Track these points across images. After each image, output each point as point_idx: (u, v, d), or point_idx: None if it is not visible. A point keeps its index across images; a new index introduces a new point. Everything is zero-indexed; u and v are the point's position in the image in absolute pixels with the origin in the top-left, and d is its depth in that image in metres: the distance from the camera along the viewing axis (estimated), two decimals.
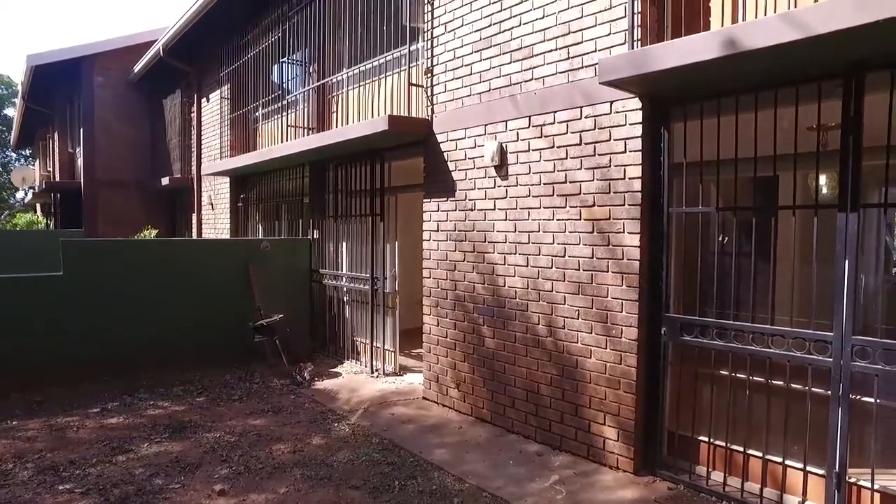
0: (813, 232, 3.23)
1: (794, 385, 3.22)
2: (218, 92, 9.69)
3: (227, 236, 9.43)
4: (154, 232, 11.06)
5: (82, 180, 13.14)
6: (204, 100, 10.60)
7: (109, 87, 13.03)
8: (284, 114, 7.61)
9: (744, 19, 3.32)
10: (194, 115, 11.00)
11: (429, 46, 5.10)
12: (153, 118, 13.31)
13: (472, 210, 4.66)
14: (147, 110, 13.38)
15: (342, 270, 6.76)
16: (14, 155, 37.20)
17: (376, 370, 6.14)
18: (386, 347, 6.16)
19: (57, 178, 15.76)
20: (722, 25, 3.45)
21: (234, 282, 6.51)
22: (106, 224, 12.62)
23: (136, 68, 12.27)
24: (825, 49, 2.74)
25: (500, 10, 4.40)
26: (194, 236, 10.96)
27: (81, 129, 13.26)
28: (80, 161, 13.65)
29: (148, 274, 6.00)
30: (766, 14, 3.24)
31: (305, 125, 7.24)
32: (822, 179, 5.58)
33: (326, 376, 6.16)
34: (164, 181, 11.71)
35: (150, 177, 13.00)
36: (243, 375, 6.12)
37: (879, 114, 2.89)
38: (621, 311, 3.67)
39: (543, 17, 4.08)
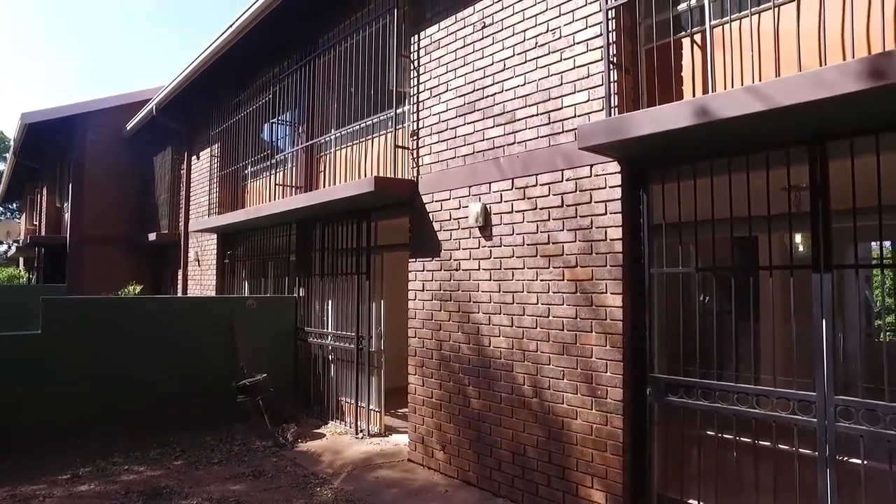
0: (790, 291, 3.30)
1: (781, 446, 3.20)
2: (208, 150, 9.84)
3: (213, 293, 9.37)
4: (138, 288, 10.95)
5: (68, 235, 13.08)
6: (194, 157, 10.75)
7: (101, 143, 13.19)
8: (273, 172, 7.73)
9: (713, 89, 3.49)
10: (184, 171, 11.12)
11: (415, 110, 5.26)
12: (143, 174, 13.43)
13: (456, 270, 4.71)
14: (137, 166, 13.51)
15: (328, 329, 6.71)
16: (0, 208, 37.11)
17: (361, 431, 6.01)
18: (371, 407, 6.05)
19: (43, 233, 15.69)
20: (694, 93, 3.62)
21: (218, 340, 6.43)
22: (90, 279, 12.49)
23: (129, 126, 12.47)
24: (788, 119, 2.88)
25: (483, 77, 4.59)
26: (180, 292, 10.87)
27: (70, 184, 13.31)
28: (67, 216, 13.65)
29: (129, 332, 5.90)
30: (732, 85, 3.42)
31: (293, 184, 7.34)
32: (799, 239, 5.75)
33: (310, 437, 6.01)
34: (152, 236, 11.70)
35: (137, 232, 12.99)
36: (224, 437, 5.95)
37: (851, 178, 3.01)
38: (606, 372, 3.67)
39: (525, 83, 4.26)
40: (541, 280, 4.05)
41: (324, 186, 6.78)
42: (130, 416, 5.75)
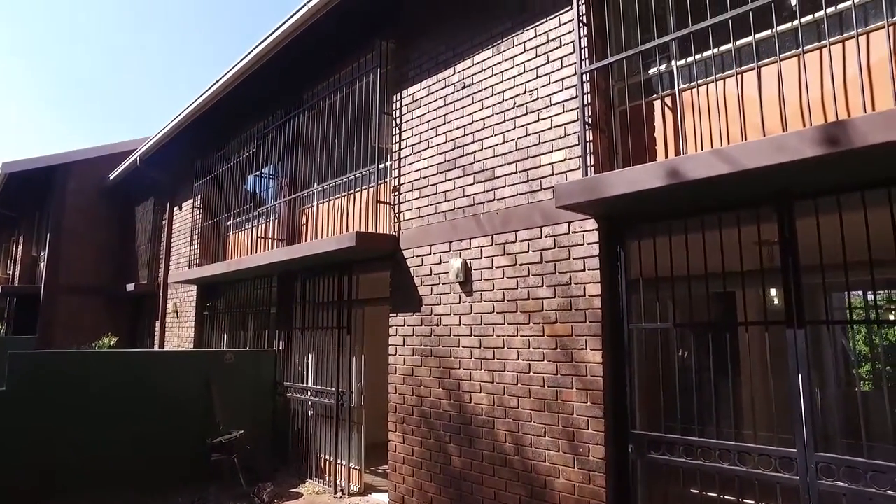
0: (766, 346, 3.34)
1: None
2: (191, 201, 9.85)
3: (191, 345, 9.18)
4: (113, 340, 10.70)
5: (43, 285, 12.83)
6: (176, 208, 10.74)
7: (82, 193, 13.14)
8: (255, 225, 7.74)
9: (685, 149, 3.62)
10: (166, 222, 11.08)
11: (396, 166, 5.36)
12: (124, 224, 13.34)
13: (437, 325, 4.70)
14: (118, 216, 13.44)
15: (307, 384, 6.58)
16: None
17: (340, 490, 5.82)
18: (351, 465, 5.89)
19: (16, 282, 15.36)
20: (666, 152, 3.75)
21: (194, 396, 6.26)
22: (63, 330, 12.19)
23: (112, 176, 12.47)
24: (755, 180, 2.99)
25: (464, 135, 4.71)
26: (156, 345, 10.64)
27: (49, 234, 13.15)
28: (42, 265, 13.41)
29: (100, 388, 5.71)
30: (702, 145, 3.56)
31: (276, 237, 7.34)
32: (774, 293, 5.85)
33: (287, 497, 5.80)
34: (130, 287, 11.52)
35: (115, 282, 12.78)
36: (196, 499, 5.72)
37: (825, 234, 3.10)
38: (587, 429, 3.64)
39: (504, 142, 4.38)
40: (521, 336, 4.05)
41: (306, 240, 6.79)
42: (100, 477, 5.51)
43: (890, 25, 2.94)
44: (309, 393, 6.48)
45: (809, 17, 3.22)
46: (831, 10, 3.15)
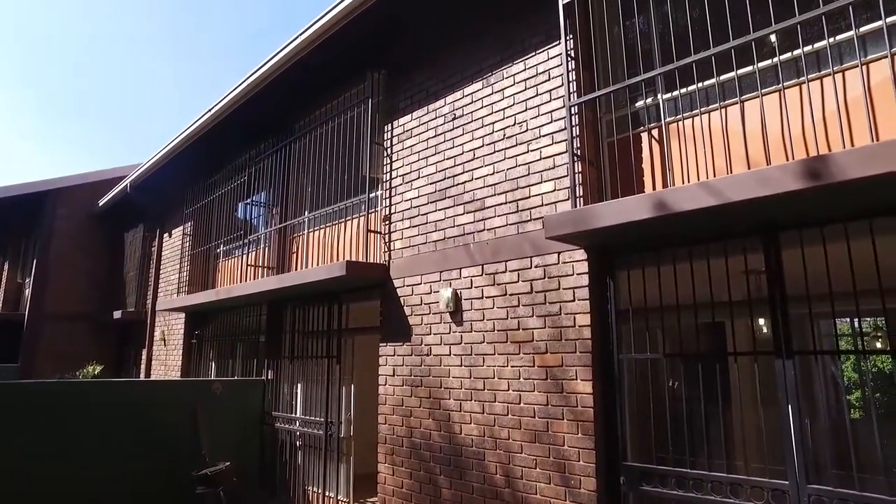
0: (756, 377, 3.36)
1: None
2: (181, 228, 9.82)
3: (178, 374, 9.06)
4: (98, 369, 10.53)
5: (27, 312, 12.64)
6: (166, 235, 10.70)
7: (70, 219, 13.06)
8: (246, 252, 7.72)
9: (672, 180, 3.68)
10: (155, 249, 11.02)
11: (387, 195, 5.39)
12: (112, 251, 13.24)
13: (427, 355, 4.67)
14: (107, 243, 13.34)
15: (296, 414, 6.50)
16: None
17: None
18: (339, 497, 5.78)
19: None
20: (654, 183, 3.80)
21: (179, 427, 6.14)
22: (47, 359, 11.98)
23: (101, 202, 12.42)
24: (741, 212, 3.03)
25: (454, 166, 4.76)
26: (143, 373, 10.48)
27: (35, 260, 13.01)
28: (27, 292, 13.24)
29: (81, 419, 5.56)
30: (688, 176, 3.62)
31: (266, 265, 7.32)
32: (763, 322, 5.89)
33: None
34: (117, 314, 11.38)
35: (101, 309, 12.63)
36: None
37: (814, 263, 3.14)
38: (578, 461, 3.61)
39: (493, 173, 4.43)
40: (511, 366, 4.04)
41: (296, 268, 6.78)
42: None
43: (864, 64, 3.03)
44: (297, 423, 6.39)
45: (788, 55, 3.32)
46: (808, 48, 3.25)
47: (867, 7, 3.06)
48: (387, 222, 5.34)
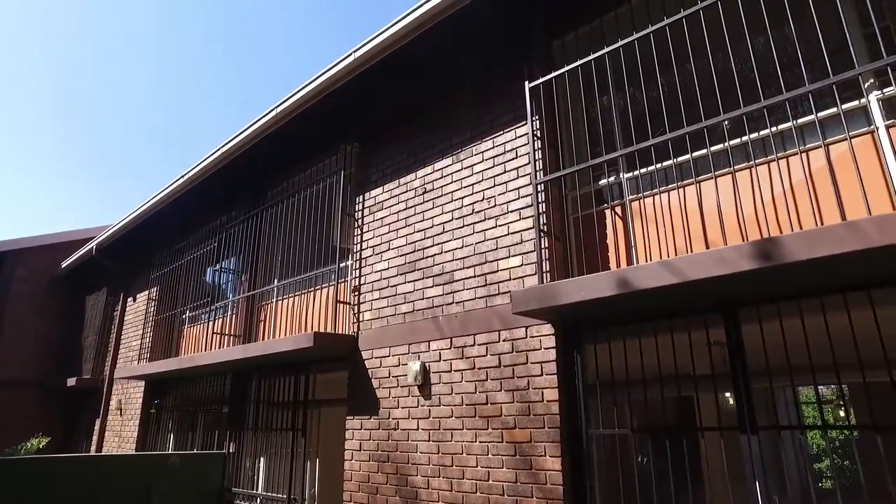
0: (723, 452, 3.36)
1: None
2: (146, 293, 9.62)
3: (133, 446, 8.62)
4: (44, 441, 9.93)
5: None
6: (130, 299, 10.44)
7: (29, 281, 12.66)
8: (212, 319, 7.56)
9: (636, 255, 3.80)
10: (118, 313, 10.71)
11: (357, 266, 5.42)
12: (71, 314, 12.81)
13: (395, 430, 4.58)
14: (66, 306, 12.93)
15: (258, 490, 6.21)
16: None
17: None
18: None
19: None
20: (618, 258, 3.92)
21: None
22: None
23: (64, 265, 12.14)
24: (701, 289, 3.13)
25: (424, 238, 4.84)
26: (94, 446, 9.93)
27: None
28: None
29: (16, 502, 5.18)
30: (650, 252, 3.74)
31: (233, 332, 7.18)
32: (729, 395, 5.96)
33: None
34: (71, 382, 10.88)
35: (54, 376, 12.06)
36: None
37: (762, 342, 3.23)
38: None
39: (462, 246, 4.51)
40: (480, 442, 3.98)
41: (264, 337, 6.67)
42: None
43: (803, 152, 3.25)
44: (259, 500, 6.09)
45: (738, 140, 3.54)
46: (755, 135, 3.47)
47: (805, 100, 3.31)
48: (356, 293, 5.34)
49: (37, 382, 12.14)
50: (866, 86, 3.18)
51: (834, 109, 3.12)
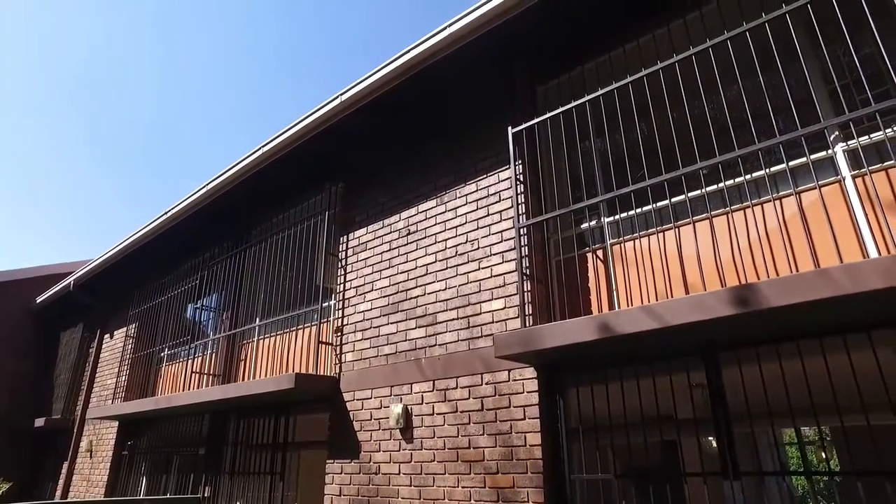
0: (706, 497, 3.34)
1: None
2: (124, 329, 9.43)
3: (103, 491, 8.30)
4: (5, 487, 9.49)
5: None
6: (107, 336, 10.22)
7: (1, 315, 12.33)
8: (191, 357, 7.43)
9: (617, 298, 3.84)
10: (93, 350, 10.45)
11: (340, 307, 5.39)
12: (44, 351, 12.46)
13: (376, 474, 4.49)
14: (39, 343, 12.58)
15: None
16: None
17: None
18: None
19: None
20: (599, 303, 3.96)
21: None
22: None
23: (39, 299, 11.88)
24: (681, 334, 3.17)
25: (407, 280, 4.85)
26: (59, 489, 9.53)
27: None
28: None
29: None
30: (631, 295, 3.79)
31: (212, 372, 7.05)
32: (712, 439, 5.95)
33: None
34: (39, 422, 10.48)
35: (21, 416, 11.60)
36: None
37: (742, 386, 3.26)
38: None
39: (446, 288, 4.52)
40: (462, 487, 3.91)
41: (244, 377, 6.56)
42: None
43: (776, 199, 3.36)
44: None
45: (714, 187, 3.64)
46: (730, 182, 3.58)
47: (777, 150, 3.44)
48: (339, 333, 5.30)
49: (3, 424, 11.69)
50: (832, 138, 3.31)
51: (804, 159, 3.24)
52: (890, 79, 2.94)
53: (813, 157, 3.22)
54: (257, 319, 6.64)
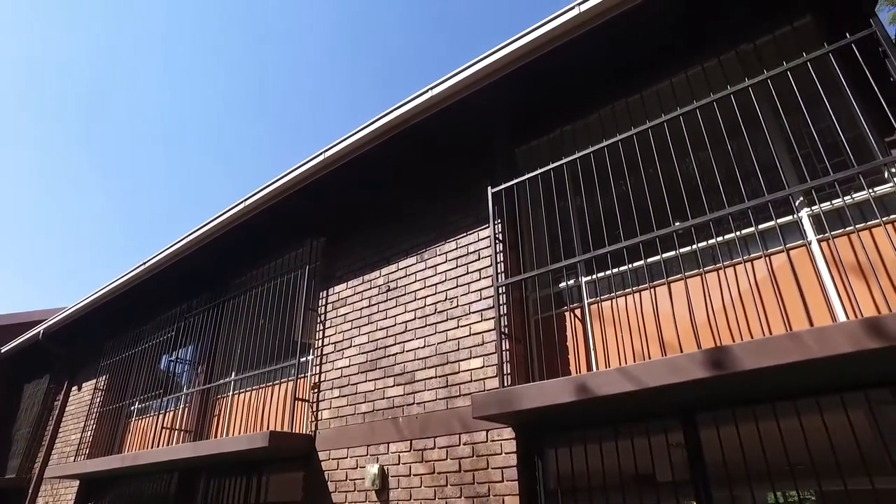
0: None
1: None
2: (93, 381, 9.12)
3: None
4: None
5: None
6: (75, 388, 9.87)
7: None
8: (163, 412, 7.20)
9: (595, 357, 3.86)
10: (58, 403, 10.06)
11: (318, 362, 5.32)
12: (6, 404, 11.96)
13: None
14: (1, 394, 12.08)
15: None
16: None
17: None
18: None
19: None
20: (577, 362, 3.97)
21: None
22: None
23: (4, 349, 11.47)
24: (658, 396, 3.18)
25: (386, 337, 4.82)
26: None
27: None
28: None
29: None
30: (608, 355, 3.81)
31: (184, 427, 6.82)
32: None
33: None
34: None
35: None
36: None
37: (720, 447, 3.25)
38: None
39: (424, 346, 4.50)
40: None
41: (217, 433, 6.36)
42: None
43: (747, 262, 3.45)
44: None
45: (687, 249, 3.74)
46: (703, 244, 3.68)
47: (746, 215, 3.56)
48: (315, 390, 5.21)
49: None
50: (797, 203, 3.45)
51: (772, 223, 3.36)
52: (846, 149, 3.10)
53: (780, 220, 3.34)
54: (233, 374, 6.51)
